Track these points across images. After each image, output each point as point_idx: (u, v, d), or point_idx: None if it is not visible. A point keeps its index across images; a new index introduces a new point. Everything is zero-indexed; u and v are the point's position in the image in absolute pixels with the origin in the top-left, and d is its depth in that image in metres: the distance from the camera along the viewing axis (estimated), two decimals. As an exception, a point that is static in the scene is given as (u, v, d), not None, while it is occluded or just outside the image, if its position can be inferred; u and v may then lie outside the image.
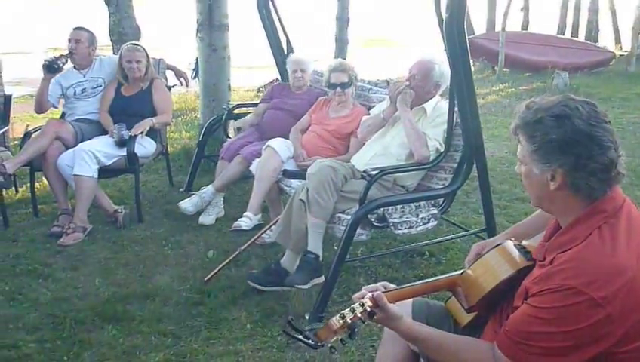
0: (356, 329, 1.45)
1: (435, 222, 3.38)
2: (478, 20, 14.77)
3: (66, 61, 4.14)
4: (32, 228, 3.99)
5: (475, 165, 3.27)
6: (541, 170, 1.46)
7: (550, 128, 1.43)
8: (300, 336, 1.46)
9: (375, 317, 1.50)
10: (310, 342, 1.44)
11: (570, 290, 1.34)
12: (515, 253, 1.61)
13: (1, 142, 4.34)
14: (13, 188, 4.52)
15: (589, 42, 14.06)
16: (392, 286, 1.63)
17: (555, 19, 15.76)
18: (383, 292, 1.55)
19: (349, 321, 1.44)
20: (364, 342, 2.73)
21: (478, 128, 3.16)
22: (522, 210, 4.25)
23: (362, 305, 1.48)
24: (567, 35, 15.26)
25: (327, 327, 1.44)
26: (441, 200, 3.41)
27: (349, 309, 1.47)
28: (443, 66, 3.30)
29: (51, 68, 4.09)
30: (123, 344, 2.70)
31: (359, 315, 1.47)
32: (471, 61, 10.32)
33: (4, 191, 4.12)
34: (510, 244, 1.65)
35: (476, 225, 3.92)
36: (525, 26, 15.12)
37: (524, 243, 1.68)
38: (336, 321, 1.44)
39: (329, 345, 1.45)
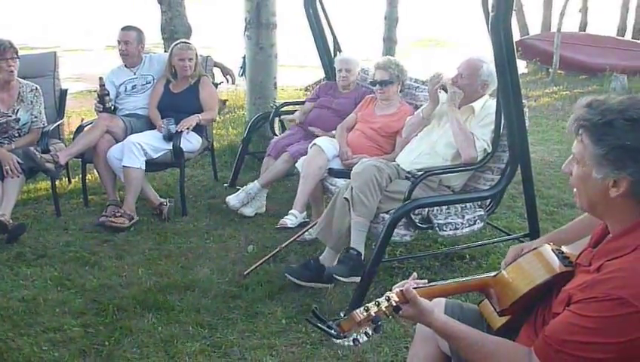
0: (380, 324, 1.44)
1: (482, 224, 3.33)
2: (533, 20, 14.38)
3: (110, 99, 4.23)
4: (82, 217, 4.14)
5: (519, 168, 3.19)
6: (605, 174, 1.37)
7: (624, 133, 1.33)
8: (323, 326, 1.46)
9: (401, 312, 1.48)
10: (332, 332, 1.44)
11: (618, 301, 1.28)
12: (553, 258, 1.56)
13: (56, 135, 4.52)
14: (66, 178, 4.73)
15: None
16: (423, 282, 1.61)
17: (616, 21, 15.17)
18: (415, 288, 1.53)
19: (373, 314, 1.44)
20: (398, 342, 2.71)
21: (522, 130, 3.08)
22: (569, 216, 4.11)
23: (388, 299, 1.47)
24: (628, 36, 14.66)
25: (351, 319, 1.44)
26: (488, 201, 3.35)
27: (373, 302, 1.46)
28: (491, 65, 3.23)
29: (109, 110, 4.19)
30: (162, 332, 2.77)
31: (384, 309, 1.45)
32: (524, 62, 10.01)
33: (57, 182, 4.31)
34: (548, 249, 1.59)
35: (520, 230, 3.83)
36: (583, 27, 14.62)
37: (563, 248, 1.63)
38: (359, 313, 1.43)
39: (352, 337, 1.44)
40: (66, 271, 3.36)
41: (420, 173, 3.10)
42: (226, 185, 4.74)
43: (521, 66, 12.14)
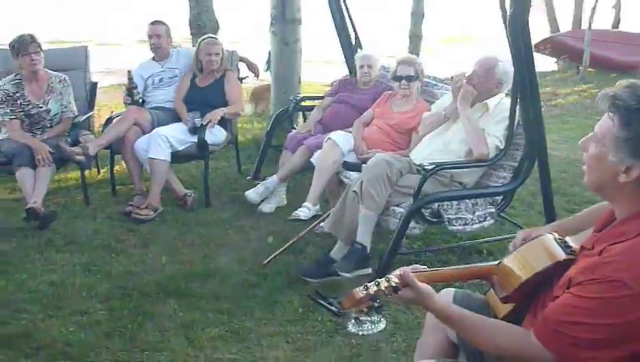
0: (380, 303, 1.50)
1: (492, 221, 3.34)
2: (563, 17, 14.14)
3: (138, 92, 4.37)
4: (109, 206, 4.29)
5: (536, 165, 3.20)
6: (620, 159, 1.38)
7: None
8: (324, 302, 1.52)
9: (400, 293, 1.53)
10: (333, 308, 1.50)
11: (617, 283, 1.31)
12: (555, 246, 1.59)
13: (86, 127, 4.67)
14: (96, 169, 4.88)
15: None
16: (423, 268, 1.65)
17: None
18: (415, 272, 1.58)
19: (372, 293, 1.49)
20: (411, 332, 2.76)
21: (540, 127, 3.09)
22: (590, 214, 4.09)
23: (388, 280, 1.52)
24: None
25: (351, 296, 1.49)
26: (500, 199, 3.36)
27: (374, 282, 1.52)
28: (507, 65, 3.24)
29: (137, 103, 4.33)
30: (182, 317, 2.87)
31: (383, 289, 1.50)
32: (554, 60, 9.83)
33: (87, 172, 4.46)
34: (550, 238, 1.63)
35: (539, 226, 3.82)
36: (616, 24, 14.32)
37: (567, 239, 1.66)
38: (359, 291, 1.49)
39: (353, 316, 1.50)
40: (93, 258, 3.49)
41: (430, 166, 3.13)
42: (249, 177, 4.82)
43: (551, 64, 11.98)
